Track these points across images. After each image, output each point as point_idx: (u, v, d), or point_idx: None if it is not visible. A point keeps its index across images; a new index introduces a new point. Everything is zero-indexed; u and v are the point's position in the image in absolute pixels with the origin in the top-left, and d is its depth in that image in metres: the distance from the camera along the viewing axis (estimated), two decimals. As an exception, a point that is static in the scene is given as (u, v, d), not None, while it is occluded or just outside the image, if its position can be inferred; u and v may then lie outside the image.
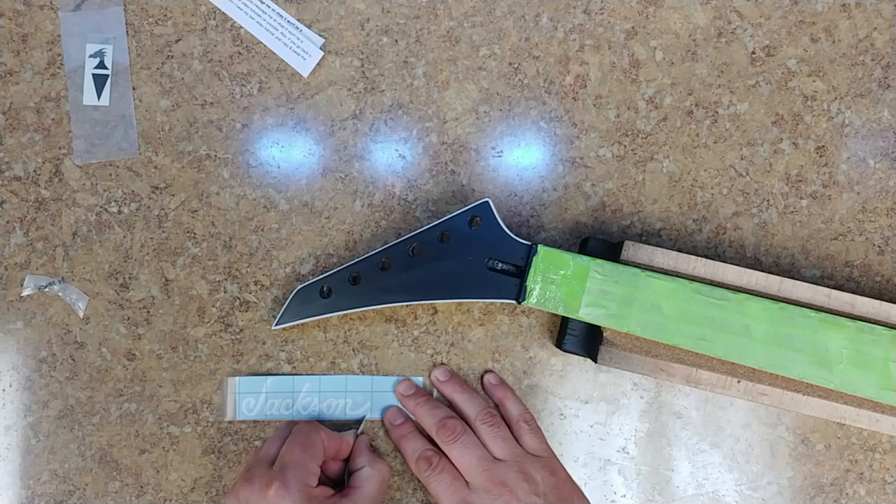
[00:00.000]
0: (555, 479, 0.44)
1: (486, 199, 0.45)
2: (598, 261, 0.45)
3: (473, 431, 0.45)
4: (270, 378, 0.49)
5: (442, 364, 0.49)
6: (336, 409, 0.49)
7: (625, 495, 0.50)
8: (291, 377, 0.49)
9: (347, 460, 0.46)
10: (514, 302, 0.45)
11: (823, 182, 0.51)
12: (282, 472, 0.40)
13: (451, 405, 0.48)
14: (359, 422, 0.49)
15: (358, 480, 0.44)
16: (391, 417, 0.48)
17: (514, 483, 0.42)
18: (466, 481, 0.44)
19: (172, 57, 0.50)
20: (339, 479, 0.46)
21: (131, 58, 0.50)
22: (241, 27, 0.50)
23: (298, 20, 0.50)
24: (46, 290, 0.49)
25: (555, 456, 0.46)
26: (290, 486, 0.40)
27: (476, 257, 0.45)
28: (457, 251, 0.45)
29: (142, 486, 0.49)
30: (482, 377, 0.49)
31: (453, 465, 0.45)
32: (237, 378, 0.49)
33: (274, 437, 0.45)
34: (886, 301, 0.45)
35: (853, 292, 0.45)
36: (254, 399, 0.49)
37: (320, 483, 0.42)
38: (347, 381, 0.49)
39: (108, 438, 0.49)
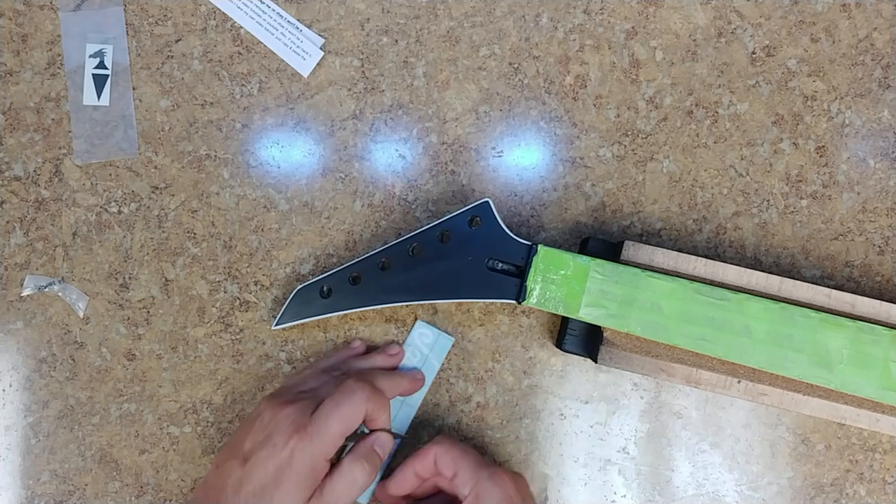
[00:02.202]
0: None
1: (486, 199, 0.45)
2: (598, 261, 0.45)
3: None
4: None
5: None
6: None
7: (625, 495, 0.50)
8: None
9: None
10: (514, 302, 0.45)
11: (823, 182, 0.50)
12: (311, 431, 0.39)
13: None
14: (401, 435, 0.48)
15: (338, 470, 0.41)
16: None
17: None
18: None
19: (172, 57, 0.50)
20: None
21: (131, 58, 0.50)
22: (241, 27, 0.50)
23: (298, 20, 0.50)
24: (46, 290, 0.49)
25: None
26: (310, 449, 0.39)
27: (476, 257, 0.45)
28: (457, 251, 0.45)
29: (142, 486, 0.49)
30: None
31: None
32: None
33: (328, 374, 0.44)
34: (886, 301, 0.45)
35: (853, 292, 0.45)
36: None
37: None
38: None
39: (108, 438, 0.49)
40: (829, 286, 0.46)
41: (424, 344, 0.49)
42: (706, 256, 0.47)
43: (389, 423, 0.44)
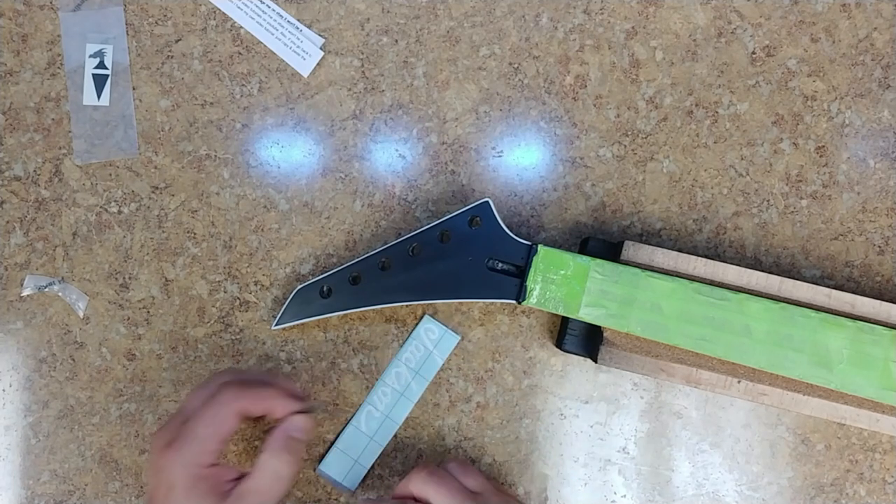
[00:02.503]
0: None
1: (486, 199, 0.45)
2: (598, 261, 0.45)
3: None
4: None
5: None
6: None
7: (625, 495, 0.50)
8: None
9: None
10: (514, 302, 0.45)
11: (823, 182, 0.51)
12: (180, 442, 0.39)
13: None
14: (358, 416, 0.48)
15: (257, 467, 0.40)
16: None
17: None
18: None
19: (172, 57, 0.50)
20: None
21: (131, 58, 0.50)
22: (241, 27, 0.50)
23: (298, 20, 0.50)
24: (46, 290, 0.49)
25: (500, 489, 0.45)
26: (182, 459, 0.38)
27: (476, 257, 0.45)
28: (457, 251, 0.45)
29: (142, 487, 0.49)
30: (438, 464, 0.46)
31: None
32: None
33: (201, 387, 0.42)
34: (886, 301, 0.45)
35: (853, 292, 0.45)
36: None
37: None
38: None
39: (108, 438, 0.49)
40: (829, 286, 0.46)
41: (430, 340, 0.49)
42: (706, 256, 0.47)
43: (292, 405, 0.42)
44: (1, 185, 0.49)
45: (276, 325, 0.47)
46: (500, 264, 0.45)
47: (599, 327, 0.45)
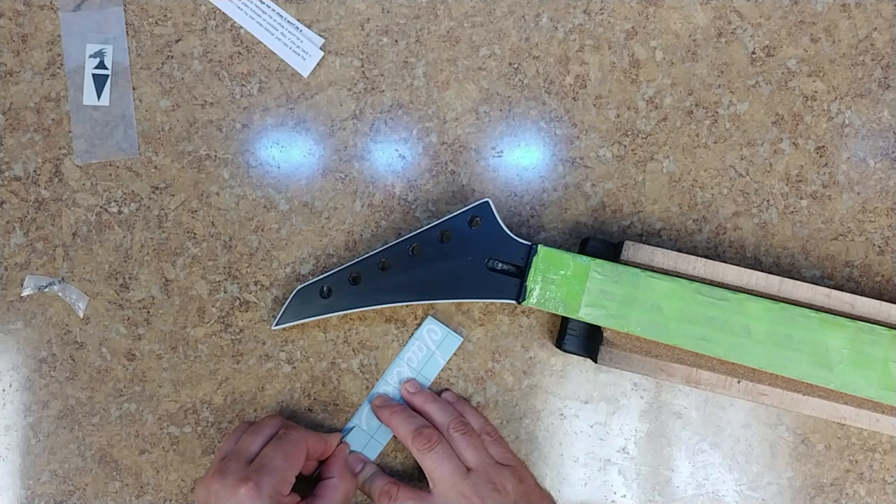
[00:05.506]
0: (524, 487, 0.44)
1: (486, 199, 0.45)
2: (598, 261, 0.45)
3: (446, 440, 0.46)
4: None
5: (411, 378, 0.49)
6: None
7: (625, 495, 0.50)
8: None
9: (322, 462, 0.47)
10: (514, 302, 0.45)
11: (823, 182, 0.51)
12: (258, 475, 0.40)
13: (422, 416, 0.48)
14: (346, 429, 0.49)
15: (324, 490, 0.44)
16: (380, 401, 0.48)
17: (485, 493, 0.43)
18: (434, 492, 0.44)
19: (172, 57, 0.50)
20: (310, 476, 0.47)
21: (131, 58, 0.50)
22: (241, 27, 0.50)
23: (298, 20, 0.50)
24: (46, 290, 0.49)
25: (522, 463, 0.47)
26: (263, 490, 0.40)
27: (476, 257, 0.45)
28: (457, 251, 0.45)
29: (142, 486, 0.49)
30: (440, 395, 0.49)
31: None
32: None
33: (255, 432, 0.44)
34: (886, 301, 0.45)
35: (853, 292, 0.45)
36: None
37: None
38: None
39: (108, 438, 0.49)
40: (829, 286, 0.46)
41: (432, 340, 0.49)
42: (706, 256, 0.47)
43: (336, 440, 0.47)
44: (1, 185, 0.49)
45: (276, 325, 0.47)
46: (500, 264, 0.45)
47: (599, 327, 0.45)
